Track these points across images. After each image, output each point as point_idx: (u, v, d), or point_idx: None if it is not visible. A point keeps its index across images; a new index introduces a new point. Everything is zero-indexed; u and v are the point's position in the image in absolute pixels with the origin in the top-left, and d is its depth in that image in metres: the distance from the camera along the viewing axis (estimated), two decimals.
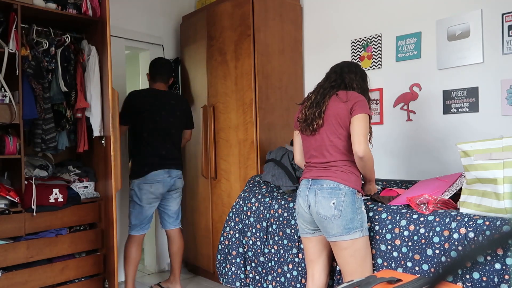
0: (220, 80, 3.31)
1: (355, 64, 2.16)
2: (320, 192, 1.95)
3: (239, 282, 2.57)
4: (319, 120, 1.99)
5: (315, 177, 2.00)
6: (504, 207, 1.68)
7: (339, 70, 2.10)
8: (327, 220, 1.91)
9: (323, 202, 1.92)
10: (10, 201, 2.44)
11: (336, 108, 1.97)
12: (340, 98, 1.98)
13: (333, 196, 1.91)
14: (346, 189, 1.92)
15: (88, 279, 2.74)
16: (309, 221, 2.04)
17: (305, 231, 2.09)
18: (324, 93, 2.04)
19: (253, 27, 3.03)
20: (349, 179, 1.94)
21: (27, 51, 2.51)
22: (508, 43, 2.35)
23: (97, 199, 2.81)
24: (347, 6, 3.10)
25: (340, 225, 1.89)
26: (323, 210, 1.92)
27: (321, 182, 1.96)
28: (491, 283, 1.60)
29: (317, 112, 2.01)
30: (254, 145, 3.03)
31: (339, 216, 1.89)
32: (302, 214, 2.05)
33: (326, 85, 2.07)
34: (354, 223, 1.90)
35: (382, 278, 1.22)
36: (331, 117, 1.98)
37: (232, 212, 2.68)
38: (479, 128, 2.45)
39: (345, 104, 1.95)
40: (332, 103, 1.99)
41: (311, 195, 1.98)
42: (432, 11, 2.65)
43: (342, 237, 1.90)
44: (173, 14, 3.90)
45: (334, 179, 1.94)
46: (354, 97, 1.97)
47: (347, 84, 2.05)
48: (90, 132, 2.77)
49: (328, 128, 1.98)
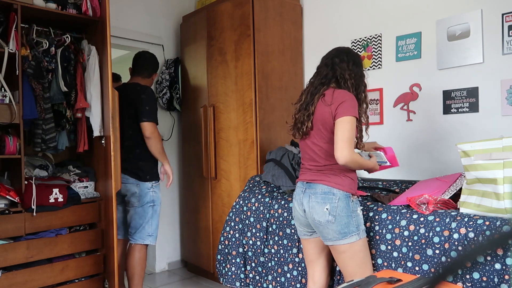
0: (220, 80, 3.31)
1: (346, 50, 2.02)
2: (314, 197, 1.91)
3: (239, 282, 2.57)
4: (308, 123, 1.94)
5: (309, 181, 1.96)
6: (504, 207, 1.68)
7: (329, 62, 1.98)
8: (322, 225, 1.89)
9: (317, 208, 1.89)
10: (10, 201, 2.44)
11: (322, 112, 1.91)
12: (325, 101, 1.90)
13: (326, 201, 1.87)
14: (339, 193, 1.87)
15: (88, 279, 2.73)
16: (305, 224, 2.02)
17: (302, 233, 2.08)
18: (313, 93, 1.96)
19: (253, 27, 3.03)
20: (343, 182, 1.89)
21: (27, 51, 2.51)
22: (508, 43, 2.35)
23: (97, 199, 2.81)
24: (347, 6, 3.10)
25: (336, 230, 1.86)
26: (317, 215, 1.89)
27: (315, 186, 1.93)
28: (491, 283, 1.60)
29: (305, 115, 1.95)
30: (254, 145, 3.03)
31: (334, 221, 1.86)
32: (298, 218, 2.03)
33: (316, 82, 1.99)
34: (350, 228, 1.87)
35: (382, 278, 1.22)
36: (318, 121, 1.92)
37: (232, 212, 2.68)
38: (479, 128, 2.45)
39: (329, 108, 1.87)
40: (319, 106, 1.93)
41: (305, 199, 1.95)
42: (432, 11, 2.65)
43: (338, 242, 1.88)
44: (173, 14, 3.90)
45: (327, 183, 1.89)
46: (339, 99, 1.86)
47: (339, 76, 1.94)
48: (90, 132, 2.77)
49: (317, 133, 1.94)
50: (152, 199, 2.82)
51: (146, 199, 2.80)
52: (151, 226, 2.82)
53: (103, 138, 2.73)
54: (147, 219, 2.81)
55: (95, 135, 2.73)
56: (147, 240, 2.81)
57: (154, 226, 2.84)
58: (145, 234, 2.80)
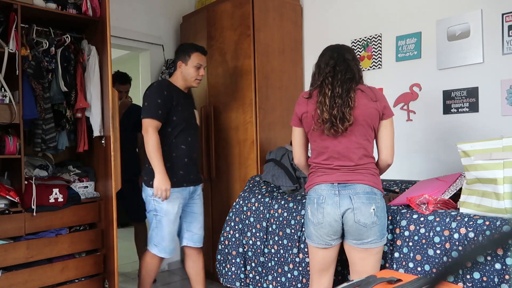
0: (220, 80, 3.31)
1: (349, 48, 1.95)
2: (356, 197, 1.77)
3: (239, 282, 2.57)
4: (350, 119, 1.76)
5: (343, 181, 1.80)
6: (504, 207, 1.68)
7: (342, 57, 1.87)
8: (366, 227, 1.76)
9: (362, 209, 1.76)
10: (10, 201, 2.44)
11: (367, 107, 1.78)
12: (369, 96, 1.79)
13: (372, 202, 1.77)
14: (379, 193, 1.81)
15: (88, 279, 2.73)
16: (336, 230, 1.82)
17: (325, 242, 1.86)
18: (346, 87, 1.79)
19: (253, 27, 3.03)
20: (378, 182, 1.84)
21: (27, 51, 2.51)
22: (508, 43, 2.35)
23: (97, 199, 2.81)
24: (347, 6, 3.10)
25: (377, 231, 1.78)
26: (363, 217, 1.75)
27: (354, 187, 1.78)
28: (491, 283, 1.60)
29: (346, 110, 1.76)
30: (254, 145, 3.03)
31: (378, 222, 1.78)
32: (330, 224, 1.81)
33: (341, 77, 1.81)
34: (386, 228, 1.85)
35: (382, 278, 1.22)
36: (361, 117, 1.78)
37: (232, 212, 2.68)
38: (479, 128, 2.45)
39: (376, 104, 1.79)
40: (360, 100, 1.78)
41: (344, 201, 1.78)
42: (432, 11, 2.65)
43: (376, 244, 1.80)
44: (173, 14, 3.90)
45: (367, 183, 1.79)
46: (381, 96, 1.83)
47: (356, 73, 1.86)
48: (90, 132, 2.77)
49: (358, 129, 1.79)
50: (154, 207, 2.50)
51: (149, 207, 2.54)
52: (156, 236, 2.54)
53: (103, 138, 2.73)
54: (152, 228, 2.56)
55: (95, 135, 2.73)
56: (153, 249, 2.56)
57: (159, 237, 2.53)
58: (152, 243, 2.57)
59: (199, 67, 2.61)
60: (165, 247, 2.55)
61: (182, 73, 2.60)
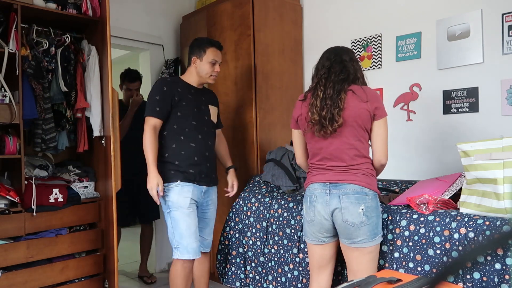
0: (220, 80, 3.31)
1: (348, 49, 1.97)
2: (345, 197, 1.80)
3: (239, 282, 2.57)
4: (339, 119, 1.78)
5: (334, 181, 1.83)
6: (504, 207, 1.68)
7: (339, 59, 1.89)
8: (355, 227, 1.78)
9: (350, 208, 1.79)
10: (10, 201, 2.44)
11: (357, 108, 1.79)
12: (359, 97, 1.80)
13: (361, 202, 1.79)
14: (371, 193, 1.81)
15: (88, 279, 2.73)
16: (326, 228, 1.88)
17: (318, 239, 1.93)
18: (337, 89, 1.81)
19: (253, 27, 3.03)
20: (372, 182, 1.84)
21: (27, 51, 2.51)
22: (508, 43, 2.35)
23: (97, 199, 2.81)
24: (347, 6, 3.10)
25: (367, 231, 1.80)
26: (351, 216, 1.78)
27: (344, 186, 1.81)
28: (492, 283, 1.60)
29: (335, 111, 1.78)
30: (254, 145, 3.03)
31: (367, 222, 1.79)
32: (321, 222, 1.87)
33: (334, 78, 1.84)
34: (378, 228, 1.85)
35: (382, 278, 1.22)
36: (351, 118, 1.80)
37: (232, 212, 2.68)
38: (479, 128, 2.45)
39: (366, 105, 1.79)
40: (350, 101, 1.80)
41: (334, 200, 1.82)
42: (432, 11, 2.65)
43: (368, 243, 1.81)
44: (173, 14, 3.90)
45: (359, 183, 1.80)
46: (373, 97, 1.82)
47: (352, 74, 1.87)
48: (90, 132, 2.77)
49: (349, 130, 1.81)
50: (165, 204, 2.37)
51: (163, 207, 2.41)
52: (174, 236, 2.34)
53: (103, 138, 2.73)
54: (169, 230, 2.38)
55: (95, 135, 2.73)
56: (175, 254, 2.35)
57: (177, 236, 2.32)
58: (173, 247, 2.38)
59: (215, 63, 2.47)
60: (186, 246, 2.31)
61: (197, 69, 2.47)
